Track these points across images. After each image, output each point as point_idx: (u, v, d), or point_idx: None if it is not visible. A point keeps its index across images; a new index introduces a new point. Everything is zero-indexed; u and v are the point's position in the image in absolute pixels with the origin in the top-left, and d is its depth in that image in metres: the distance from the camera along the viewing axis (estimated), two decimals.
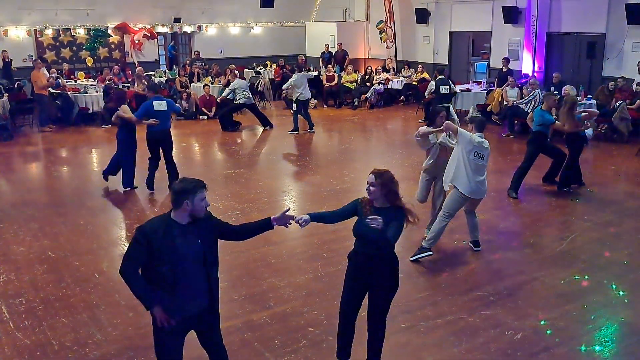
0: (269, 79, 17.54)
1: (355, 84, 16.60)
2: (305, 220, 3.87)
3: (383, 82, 16.37)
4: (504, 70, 14.03)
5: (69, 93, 14.30)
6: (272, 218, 3.77)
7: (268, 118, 13.80)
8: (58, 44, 17.50)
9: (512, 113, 12.45)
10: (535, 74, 14.32)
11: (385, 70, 17.15)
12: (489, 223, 7.27)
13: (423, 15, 17.54)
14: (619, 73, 12.94)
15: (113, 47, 18.34)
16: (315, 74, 17.30)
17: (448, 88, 12.11)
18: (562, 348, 4.56)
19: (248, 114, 14.06)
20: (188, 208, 3.37)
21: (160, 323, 3.43)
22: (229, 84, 13.81)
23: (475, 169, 5.99)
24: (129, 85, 15.10)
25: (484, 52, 16.51)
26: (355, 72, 17.36)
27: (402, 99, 16.90)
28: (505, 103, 12.90)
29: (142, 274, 3.41)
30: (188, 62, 18.27)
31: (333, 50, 18.78)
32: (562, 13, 14.19)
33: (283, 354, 4.50)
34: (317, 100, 16.77)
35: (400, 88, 16.77)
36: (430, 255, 6.16)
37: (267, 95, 16.93)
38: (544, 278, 5.75)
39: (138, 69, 15.68)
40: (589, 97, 12.31)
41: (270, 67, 18.85)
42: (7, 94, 13.90)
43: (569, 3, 13.98)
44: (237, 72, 14.38)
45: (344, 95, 16.70)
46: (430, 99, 12.30)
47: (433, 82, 12.41)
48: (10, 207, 8.17)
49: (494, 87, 13.96)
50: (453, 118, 7.13)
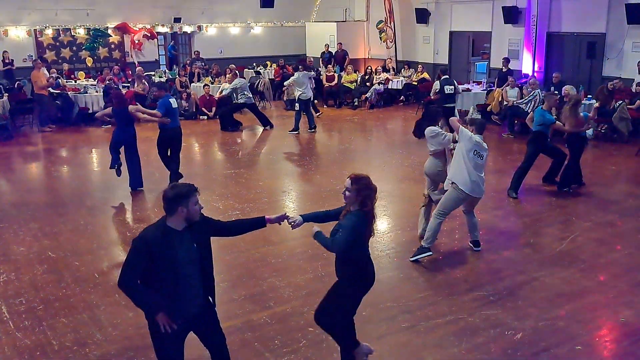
0: (269, 79, 17.55)
1: (355, 84, 16.60)
2: (298, 223, 3.91)
3: (383, 82, 16.36)
4: (504, 70, 14.03)
5: (69, 93, 14.31)
6: (266, 217, 3.83)
7: (268, 118, 13.80)
8: (58, 44, 17.49)
9: (512, 113, 12.45)
10: (535, 74, 14.32)
11: (385, 70, 17.14)
12: (489, 223, 7.27)
13: (423, 15, 17.54)
14: (619, 73, 12.95)
15: (113, 47, 18.34)
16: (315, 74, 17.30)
17: (452, 88, 12.06)
18: (562, 348, 4.56)
19: (248, 114, 14.06)
20: (183, 214, 3.38)
21: (164, 328, 3.42)
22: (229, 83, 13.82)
23: (475, 168, 6.02)
24: (129, 86, 15.11)
25: (484, 52, 16.51)
26: (355, 72, 17.37)
27: (402, 99, 16.89)
28: (505, 103, 12.90)
29: (141, 281, 3.41)
30: (188, 62, 18.28)
31: (333, 50, 18.78)
32: (562, 13, 14.19)
33: (283, 354, 4.50)
34: (317, 100, 16.76)
35: (400, 88, 16.76)
36: (430, 255, 6.17)
37: (267, 95, 16.94)
38: (544, 278, 5.75)
39: (138, 69, 15.69)
40: (589, 97, 12.30)
41: (270, 67, 18.85)
42: (7, 94, 13.92)
43: (569, 3, 13.98)
44: (237, 71, 14.38)
45: (344, 95, 16.70)
46: (436, 99, 12.18)
47: (438, 82, 12.29)
48: (10, 207, 8.17)
49: (494, 87, 13.95)
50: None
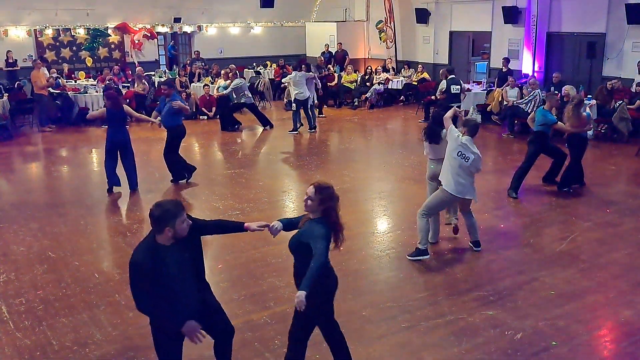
0: (269, 79, 17.55)
1: (355, 84, 16.61)
2: (277, 230, 3.88)
3: (383, 82, 16.37)
4: (504, 70, 14.03)
5: (69, 93, 14.31)
6: (245, 225, 3.81)
7: (268, 118, 13.79)
8: (58, 44, 17.50)
9: (512, 113, 12.45)
10: (535, 74, 14.32)
11: (385, 70, 17.15)
12: (489, 223, 7.27)
13: (423, 15, 17.54)
14: (619, 73, 12.95)
15: (113, 47, 18.35)
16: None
17: (459, 88, 11.97)
18: (562, 348, 4.55)
19: (248, 114, 14.06)
20: (170, 234, 3.39)
21: (195, 338, 3.48)
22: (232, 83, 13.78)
23: (459, 170, 5.92)
24: (129, 86, 15.11)
25: (484, 52, 16.51)
26: (355, 72, 17.37)
27: (402, 99, 16.90)
28: (505, 103, 12.90)
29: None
30: (188, 62, 18.29)
31: (333, 50, 18.78)
32: (562, 13, 14.19)
33: (283, 354, 4.48)
34: (317, 101, 16.75)
35: (400, 88, 16.76)
36: (428, 258, 6.16)
37: (267, 95, 16.94)
38: (544, 278, 5.75)
39: (138, 69, 15.69)
40: (589, 97, 12.30)
41: (270, 67, 18.85)
42: (7, 94, 13.92)
43: (569, 3, 13.99)
44: (237, 71, 14.37)
45: (344, 95, 16.70)
46: (442, 99, 11.97)
47: (444, 81, 12.08)
48: (10, 207, 8.17)
49: (494, 87, 13.95)
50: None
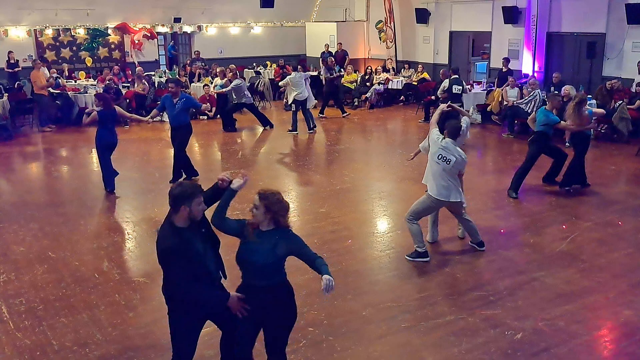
0: (269, 79, 17.54)
1: (355, 84, 16.61)
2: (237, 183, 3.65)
3: (383, 82, 16.37)
4: (504, 70, 14.03)
5: (69, 93, 14.30)
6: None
7: (268, 118, 13.79)
8: (58, 44, 17.50)
9: (512, 113, 12.44)
10: (535, 74, 14.32)
11: (385, 70, 17.15)
12: (489, 223, 7.27)
13: (423, 15, 17.54)
14: (619, 73, 12.95)
15: (113, 47, 18.35)
16: (315, 74, 17.30)
17: (461, 88, 11.97)
18: (562, 348, 4.56)
19: (248, 114, 14.06)
20: (186, 212, 3.42)
21: (238, 311, 3.55)
22: (230, 83, 13.77)
23: (443, 173, 5.84)
24: (129, 86, 15.11)
25: (484, 52, 16.51)
26: (355, 72, 17.37)
27: (402, 99, 16.90)
28: (505, 103, 12.90)
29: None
30: (188, 62, 18.28)
31: (333, 50, 18.77)
32: (562, 13, 14.19)
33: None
34: (317, 100, 16.75)
35: (400, 88, 16.75)
36: (428, 261, 6.14)
37: (267, 95, 16.93)
38: (544, 278, 5.75)
39: (138, 69, 15.69)
40: (589, 97, 12.30)
41: (270, 67, 18.85)
42: (7, 94, 13.92)
43: (569, 3, 13.99)
44: (237, 71, 14.36)
45: (344, 95, 16.70)
46: (444, 98, 11.91)
47: (447, 80, 12.04)
48: (10, 207, 8.17)
49: (494, 87, 13.95)
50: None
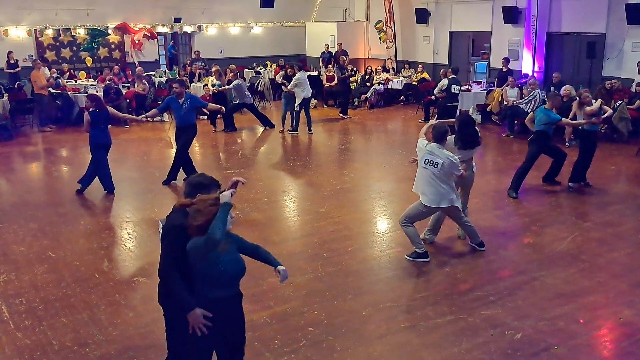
0: (269, 79, 17.54)
1: (355, 84, 16.60)
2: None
3: (383, 82, 16.37)
4: (504, 70, 14.03)
5: (69, 93, 14.30)
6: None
7: (268, 118, 13.78)
8: (58, 44, 17.51)
9: (512, 113, 12.45)
10: (535, 74, 14.32)
11: (385, 70, 17.15)
12: (489, 223, 7.27)
13: (423, 15, 17.54)
14: (619, 73, 12.95)
15: (113, 47, 18.35)
16: (315, 74, 17.31)
17: (459, 88, 11.92)
18: (562, 348, 4.56)
19: (248, 114, 14.06)
20: None
21: (196, 328, 3.35)
22: (229, 83, 13.75)
23: (433, 178, 5.83)
24: (129, 86, 15.11)
25: (484, 52, 16.51)
26: (355, 72, 17.36)
27: (402, 99, 16.90)
28: (505, 103, 12.90)
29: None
30: (188, 62, 18.28)
31: (333, 50, 18.77)
32: (562, 13, 14.19)
33: (283, 354, 4.51)
34: (317, 100, 16.76)
35: (400, 88, 16.76)
36: (428, 261, 6.15)
37: (267, 95, 16.93)
38: (544, 278, 5.75)
39: (138, 69, 15.70)
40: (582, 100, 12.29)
41: (270, 67, 18.85)
42: (7, 94, 13.92)
43: (569, 3, 13.99)
44: (237, 71, 14.36)
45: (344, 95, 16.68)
46: (442, 97, 11.88)
47: (446, 80, 11.90)
48: (10, 207, 8.17)
49: (494, 87, 13.95)
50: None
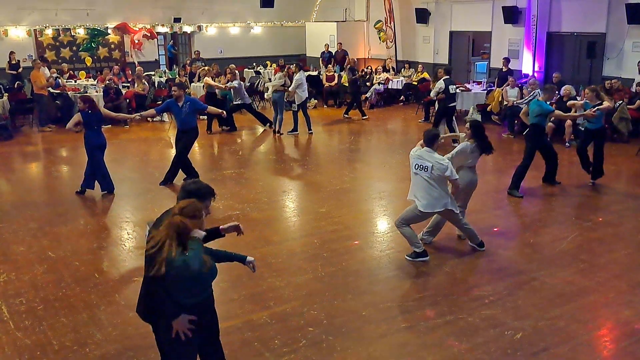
0: (269, 79, 17.52)
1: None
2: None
3: (383, 82, 16.36)
4: (504, 70, 14.03)
5: (69, 93, 14.30)
6: (220, 228, 3.79)
7: (266, 117, 13.76)
8: (58, 44, 17.51)
9: (512, 113, 12.44)
10: (536, 74, 14.32)
11: (385, 70, 17.14)
12: (489, 223, 7.27)
13: (423, 15, 17.55)
14: (619, 73, 12.96)
15: (113, 47, 18.35)
16: (315, 74, 17.30)
17: (455, 87, 11.81)
18: (562, 348, 4.55)
19: (247, 114, 14.06)
20: None
21: (182, 332, 3.34)
22: (228, 83, 13.72)
23: (425, 183, 5.85)
24: (129, 86, 15.10)
25: (484, 52, 16.51)
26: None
27: (402, 99, 16.89)
28: (505, 103, 12.90)
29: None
30: (188, 62, 18.28)
31: (333, 50, 18.78)
32: (562, 13, 14.19)
33: (283, 354, 4.50)
34: (317, 100, 16.77)
35: (400, 88, 16.76)
36: (428, 260, 6.15)
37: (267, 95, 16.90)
38: (544, 278, 5.75)
39: (138, 69, 15.69)
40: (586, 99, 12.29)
41: (270, 67, 18.85)
42: (7, 94, 13.91)
43: (569, 3, 13.98)
44: (236, 72, 14.33)
45: (344, 95, 16.69)
46: (441, 99, 11.66)
47: (442, 81, 11.64)
48: (10, 207, 8.17)
49: (494, 87, 13.95)
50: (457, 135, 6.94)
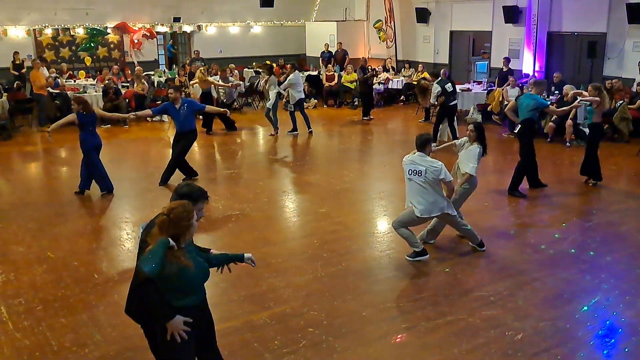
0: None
1: (355, 84, 16.59)
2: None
3: (383, 82, 16.35)
4: (505, 70, 14.01)
5: (68, 93, 14.28)
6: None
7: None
8: (57, 44, 17.49)
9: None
10: (536, 74, 14.31)
11: (386, 70, 17.13)
12: (489, 223, 7.26)
13: (423, 15, 17.54)
14: (620, 73, 12.95)
15: (112, 46, 18.33)
16: (315, 74, 17.28)
17: (451, 85, 11.54)
18: (562, 348, 4.54)
19: (248, 114, 14.06)
20: None
21: (178, 334, 3.29)
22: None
23: (420, 188, 5.86)
24: (129, 85, 15.09)
25: (485, 51, 16.49)
26: (355, 71, 17.34)
27: (402, 99, 16.88)
28: (506, 103, 12.84)
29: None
30: (188, 61, 18.26)
31: (333, 50, 18.77)
32: (562, 13, 14.18)
33: (283, 355, 4.49)
34: (317, 100, 16.76)
35: (401, 88, 16.74)
36: (428, 258, 6.14)
37: (266, 95, 16.89)
38: (544, 278, 5.74)
39: (137, 69, 15.67)
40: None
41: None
42: (6, 94, 13.90)
43: (570, 3, 13.97)
44: (237, 71, 14.34)
45: (344, 95, 16.69)
46: (441, 102, 11.40)
47: (436, 85, 11.43)
48: (10, 207, 8.16)
49: (495, 86, 13.94)
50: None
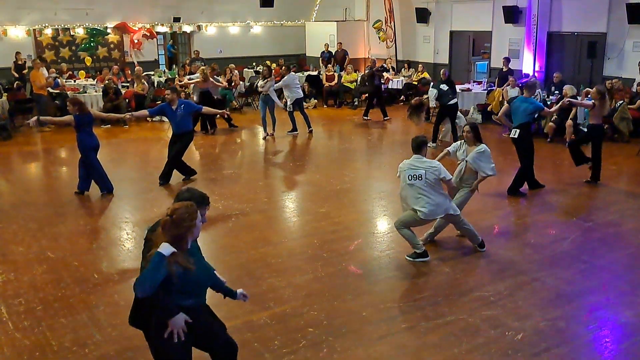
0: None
1: (355, 84, 16.59)
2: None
3: (383, 82, 16.34)
4: (505, 70, 14.01)
5: (68, 93, 14.28)
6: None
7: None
8: (57, 44, 17.48)
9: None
10: (536, 74, 14.31)
11: (385, 70, 17.12)
12: (489, 223, 7.26)
13: (423, 15, 17.53)
14: (620, 73, 12.95)
15: (112, 46, 18.33)
16: (315, 74, 17.28)
17: (446, 85, 11.33)
18: (562, 348, 4.54)
19: (248, 114, 14.06)
20: None
21: (177, 333, 3.31)
22: (230, 83, 13.74)
23: (420, 191, 5.88)
24: (128, 85, 15.09)
25: (485, 51, 16.49)
26: (355, 71, 17.35)
27: (402, 99, 16.88)
28: (506, 103, 12.87)
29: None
30: (188, 61, 18.25)
31: (333, 50, 18.76)
32: (562, 13, 14.18)
33: (283, 355, 4.49)
34: (317, 100, 16.75)
35: (401, 88, 16.74)
36: (429, 260, 6.14)
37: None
38: (544, 278, 5.74)
39: (137, 69, 15.67)
40: (589, 96, 12.27)
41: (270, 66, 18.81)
42: (6, 94, 13.89)
43: (570, 3, 13.97)
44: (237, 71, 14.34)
45: (344, 95, 16.68)
46: (441, 105, 11.27)
47: (431, 89, 11.30)
48: (10, 207, 8.15)
49: (495, 86, 13.94)
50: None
